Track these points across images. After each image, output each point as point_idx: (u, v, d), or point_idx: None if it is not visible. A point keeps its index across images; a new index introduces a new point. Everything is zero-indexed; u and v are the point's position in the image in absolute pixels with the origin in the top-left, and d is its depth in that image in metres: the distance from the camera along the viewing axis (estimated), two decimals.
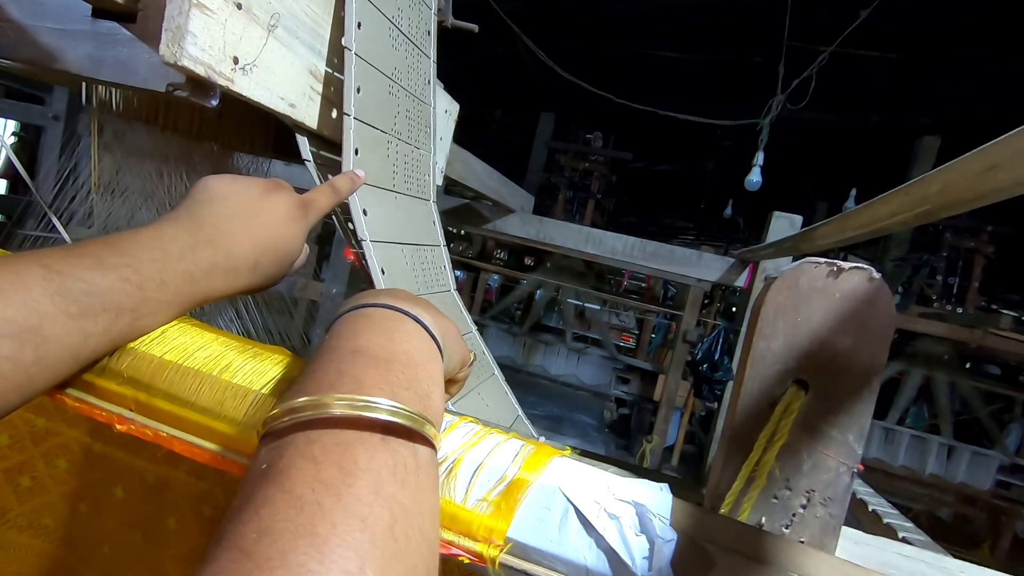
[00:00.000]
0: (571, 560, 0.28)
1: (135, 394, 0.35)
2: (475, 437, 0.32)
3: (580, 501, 0.29)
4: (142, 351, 0.36)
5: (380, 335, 0.30)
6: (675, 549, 0.27)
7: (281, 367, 0.36)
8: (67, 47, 0.47)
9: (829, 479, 0.35)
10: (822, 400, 0.35)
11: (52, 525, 0.47)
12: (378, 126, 0.63)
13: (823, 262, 0.35)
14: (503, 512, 0.29)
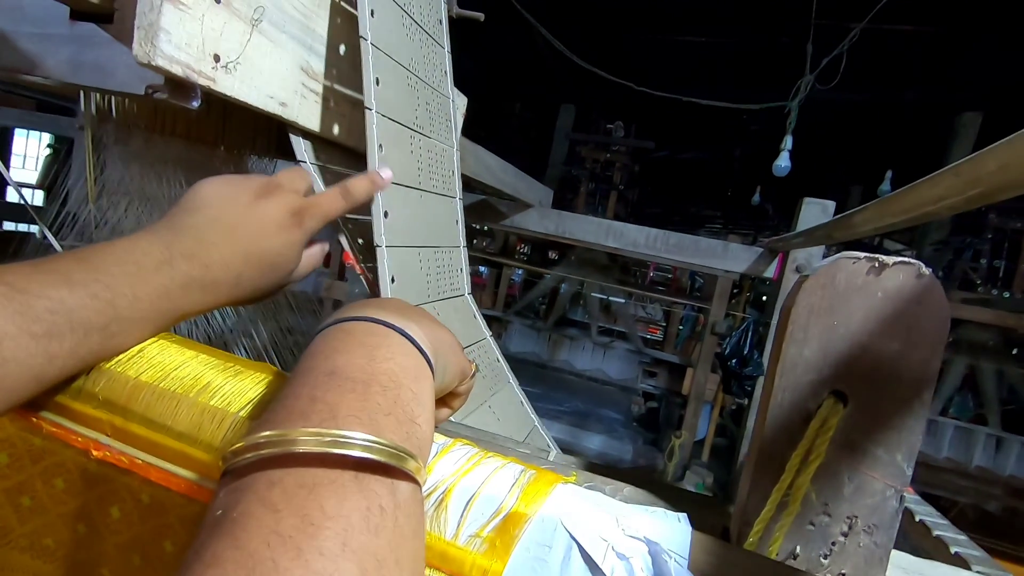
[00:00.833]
0: None
1: (111, 418, 0.33)
2: (469, 463, 0.29)
3: (585, 538, 0.25)
4: (118, 372, 0.34)
5: (360, 353, 0.27)
6: None
7: (263, 386, 0.34)
8: (47, 52, 0.45)
9: (874, 504, 0.31)
10: (864, 414, 0.31)
11: (52, 546, 0.46)
12: (400, 120, 0.60)
13: (863, 257, 0.31)
14: (498, 550, 0.26)
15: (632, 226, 1.68)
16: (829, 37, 2.85)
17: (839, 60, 2.44)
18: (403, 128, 0.62)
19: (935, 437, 3.62)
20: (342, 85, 0.59)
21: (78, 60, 0.44)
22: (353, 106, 0.62)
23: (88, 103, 0.61)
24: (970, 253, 3.73)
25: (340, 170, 0.58)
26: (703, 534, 0.26)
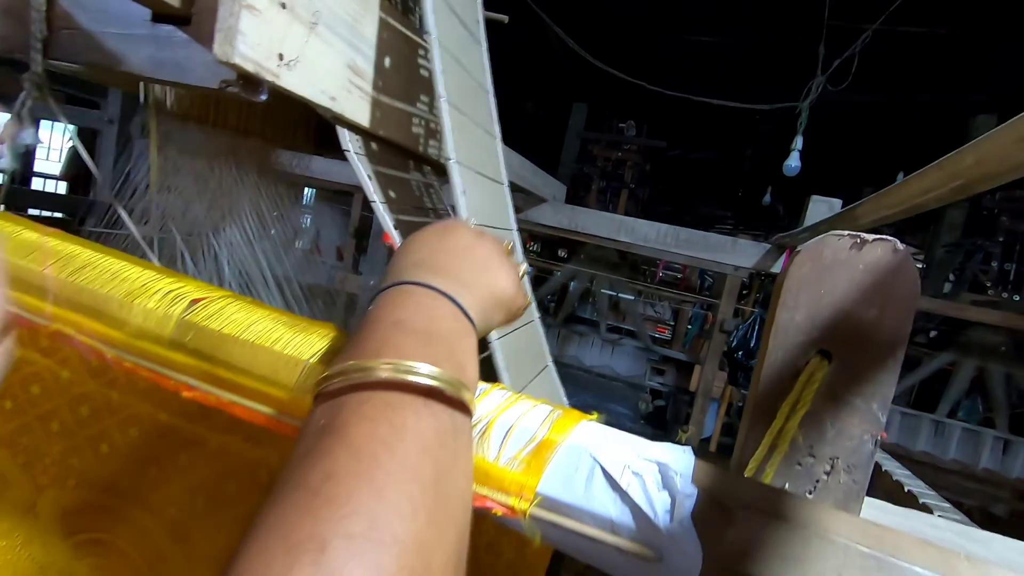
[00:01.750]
0: (597, 513, 0.30)
1: (199, 364, 0.39)
2: (507, 402, 0.34)
3: (606, 460, 0.31)
4: (204, 325, 0.40)
5: (421, 312, 0.32)
6: (696, 504, 0.29)
7: (327, 340, 0.39)
8: (129, 50, 0.51)
9: (853, 446, 0.36)
10: (845, 370, 0.36)
11: (127, 488, 0.52)
12: (463, 109, 0.65)
13: (846, 234, 0.35)
14: (533, 469, 0.31)
15: (643, 221, 1.72)
16: (842, 38, 2.87)
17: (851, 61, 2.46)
18: (465, 117, 0.67)
19: (942, 438, 3.62)
20: (388, 94, 0.65)
21: (158, 58, 0.49)
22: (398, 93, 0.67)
23: (148, 97, 0.67)
24: (981, 256, 3.72)
25: (388, 172, 0.64)
26: (704, 461, 0.31)
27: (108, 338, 0.42)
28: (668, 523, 0.28)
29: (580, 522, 0.30)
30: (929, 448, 3.63)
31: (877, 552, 0.27)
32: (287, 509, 0.22)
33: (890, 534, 0.28)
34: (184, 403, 0.48)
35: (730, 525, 0.29)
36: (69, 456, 0.53)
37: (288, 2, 0.46)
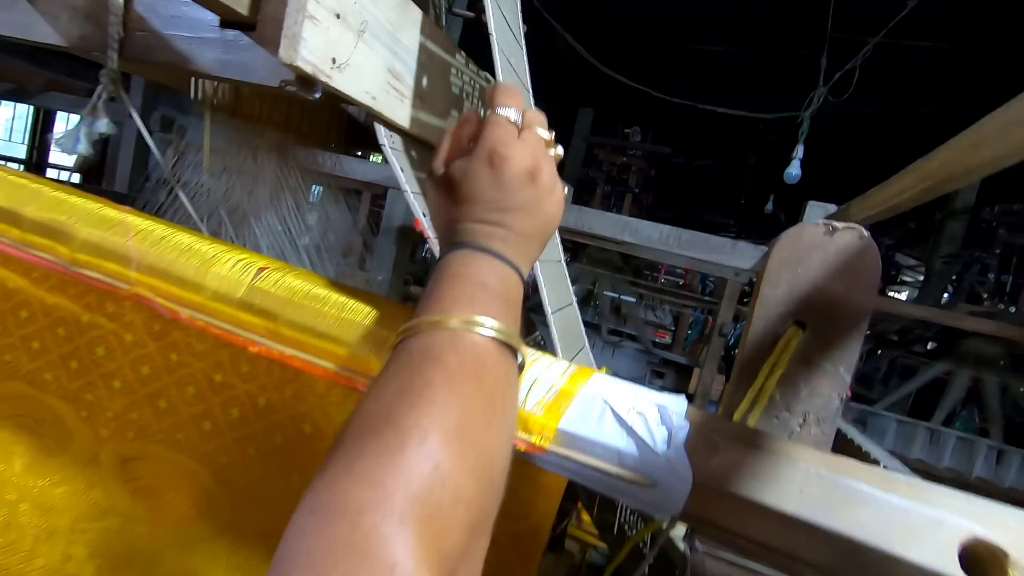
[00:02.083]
0: (607, 444, 0.36)
1: (265, 323, 0.45)
2: (532, 360, 0.40)
3: (615, 403, 0.37)
4: (269, 290, 0.46)
5: (498, 279, 0.38)
6: (688, 436, 0.35)
7: (378, 306, 0.45)
8: (198, 52, 0.58)
9: (822, 403, 0.42)
10: (817, 338, 0.42)
11: (183, 439, 0.58)
12: None
13: (821, 223, 0.42)
14: (553, 414, 0.38)
15: (647, 222, 1.79)
16: (846, 50, 2.94)
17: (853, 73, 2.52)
18: None
19: (937, 447, 3.67)
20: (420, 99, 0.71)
21: (224, 59, 0.56)
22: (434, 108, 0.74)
23: (199, 93, 0.73)
24: (978, 267, 3.78)
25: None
26: (696, 407, 0.38)
27: (185, 300, 0.49)
28: (665, 451, 0.35)
29: (591, 455, 0.37)
30: (924, 456, 3.68)
31: (832, 474, 0.33)
32: (395, 400, 0.29)
33: (843, 463, 0.34)
34: (237, 364, 0.55)
35: (715, 453, 0.35)
36: (129, 411, 0.60)
37: (342, 13, 0.53)
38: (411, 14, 0.64)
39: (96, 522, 0.61)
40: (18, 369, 0.63)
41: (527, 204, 0.43)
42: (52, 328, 0.62)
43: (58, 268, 0.55)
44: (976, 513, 0.32)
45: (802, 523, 0.33)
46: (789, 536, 0.34)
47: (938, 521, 0.32)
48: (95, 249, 0.52)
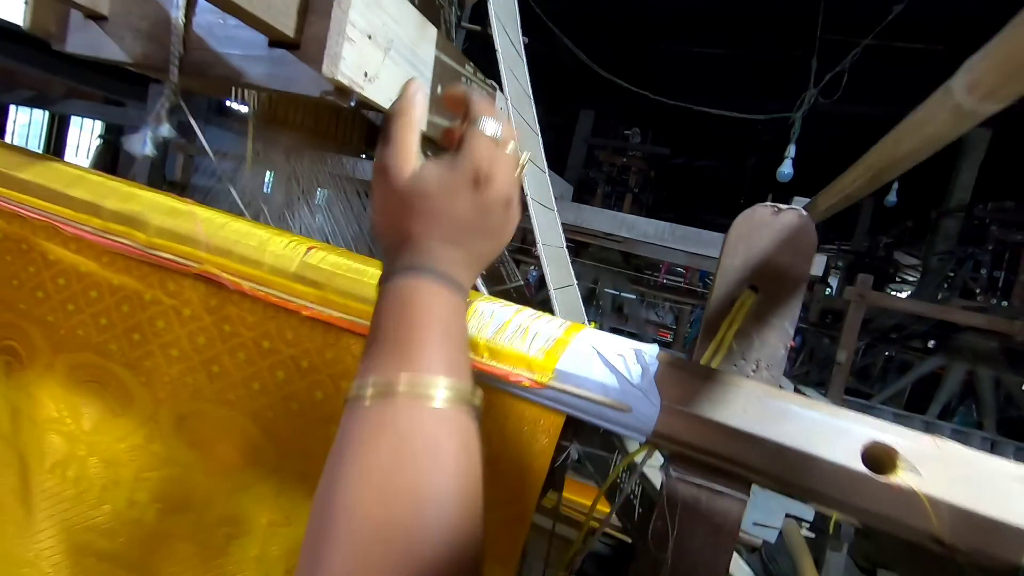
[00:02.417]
0: (594, 380, 0.46)
1: (316, 292, 0.55)
2: (534, 314, 0.50)
3: (601, 348, 0.46)
4: (317, 265, 0.55)
5: (459, 318, 0.38)
6: (657, 371, 0.44)
7: None
8: (249, 67, 0.67)
9: (771, 352, 0.51)
10: (767, 299, 0.52)
11: (234, 399, 0.67)
12: (522, 114, 0.82)
13: (769, 205, 0.51)
14: (552, 357, 0.47)
15: (643, 219, 1.88)
16: (839, 52, 3.03)
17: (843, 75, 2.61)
18: (524, 124, 0.84)
19: None
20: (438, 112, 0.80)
21: (272, 73, 0.66)
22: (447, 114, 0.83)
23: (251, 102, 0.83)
24: (971, 264, 3.86)
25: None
26: (666, 351, 0.47)
27: (247, 275, 0.58)
28: (640, 382, 0.44)
29: (582, 387, 0.46)
30: None
31: (767, 397, 0.43)
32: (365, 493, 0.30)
33: (775, 390, 0.44)
34: (283, 333, 0.64)
35: (678, 385, 0.44)
36: (185, 375, 0.69)
37: (373, 34, 0.62)
38: (428, 32, 0.74)
39: (156, 471, 0.70)
40: (88, 341, 0.72)
41: (497, 228, 0.42)
42: (118, 305, 0.71)
43: (134, 251, 0.64)
44: (875, 425, 0.41)
45: (745, 434, 0.42)
46: (736, 446, 0.43)
47: (847, 430, 0.41)
48: (168, 234, 0.62)
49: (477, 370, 0.50)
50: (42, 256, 0.75)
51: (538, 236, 0.72)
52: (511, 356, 0.48)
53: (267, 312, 0.65)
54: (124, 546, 0.71)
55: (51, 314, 0.74)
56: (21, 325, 0.76)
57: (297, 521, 0.66)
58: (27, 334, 0.75)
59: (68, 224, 0.67)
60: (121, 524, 0.71)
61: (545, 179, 0.85)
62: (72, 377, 0.73)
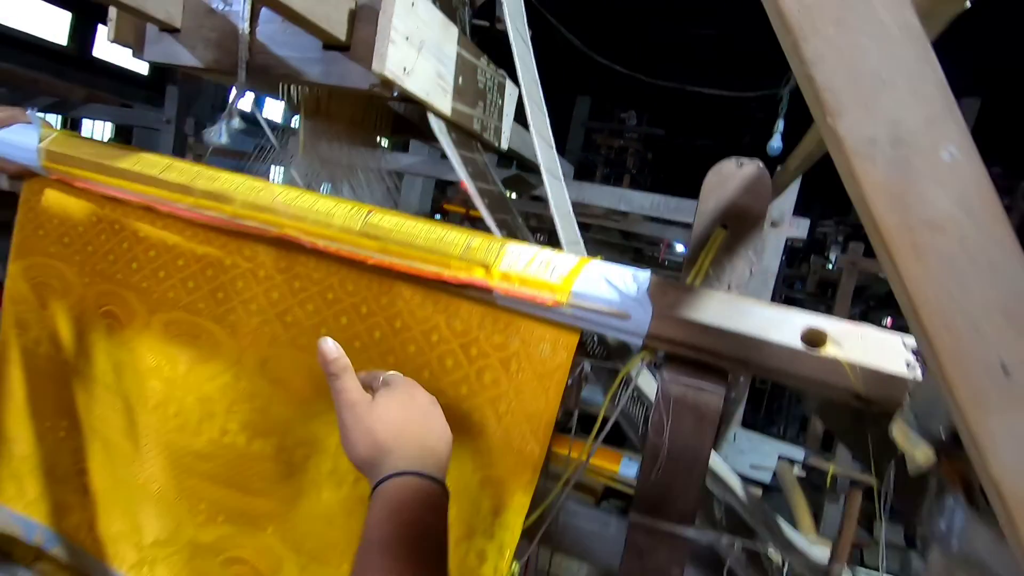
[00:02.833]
0: (601, 296, 0.60)
1: (379, 244, 0.69)
2: (553, 253, 0.64)
3: (606, 273, 0.61)
4: (377, 223, 0.70)
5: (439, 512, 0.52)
6: (649, 287, 0.59)
7: (446, 230, 0.69)
8: (307, 68, 0.81)
9: (739, 275, 0.66)
10: (734, 233, 0.66)
11: (305, 343, 0.82)
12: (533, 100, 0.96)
13: (734, 160, 0.65)
14: (568, 281, 0.61)
15: (640, 192, 2.02)
16: None
17: None
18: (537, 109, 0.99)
19: None
20: (459, 95, 0.94)
21: (327, 71, 0.79)
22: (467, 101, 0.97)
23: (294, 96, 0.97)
24: None
25: (463, 152, 0.93)
26: (656, 274, 0.61)
27: (320, 235, 0.72)
28: (636, 295, 0.58)
29: (591, 302, 0.60)
30: None
31: (732, 299, 0.57)
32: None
33: (741, 298, 0.58)
34: (345, 285, 0.79)
35: (666, 296, 0.59)
36: (263, 326, 0.84)
37: (409, 36, 0.76)
38: (450, 31, 0.88)
39: (243, 405, 0.85)
40: (179, 301, 0.87)
41: (436, 425, 0.59)
42: (203, 271, 0.86)
43: (221, 222, 0.79)
44: (811, 317, 0.56)
45: (718, 329, 0.57)
46: (711, 339, 0.57)
47: (790, 320, 0.55)
48: (251, 206, 0.76)
49: (511, 296, 0.64)
50: (133, 234, 0.89)
51: (551, 201, 0.86)
52: (537, 283, 0.62)
53: (331, 268, 0.79)
54: (219, 467, 0.86)
55: (145, 281, 0.89)
56: (119, 292, 0.91)
57: None
58: (125, 299, 0.90)
59: (163, 203, 0.82)
60: (216, 449, 0.86)
61: (553, 154, 0.99)
62: (167, 332, 0.88)
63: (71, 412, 0.97)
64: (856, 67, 0.21)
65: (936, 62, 0.22)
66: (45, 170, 0.89)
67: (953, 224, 0.20)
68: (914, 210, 0.20)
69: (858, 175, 0.21)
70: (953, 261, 0.20)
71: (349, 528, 0.82)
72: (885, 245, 0.21)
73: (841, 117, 0.21)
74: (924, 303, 0.21)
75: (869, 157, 0.20)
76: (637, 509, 0.70)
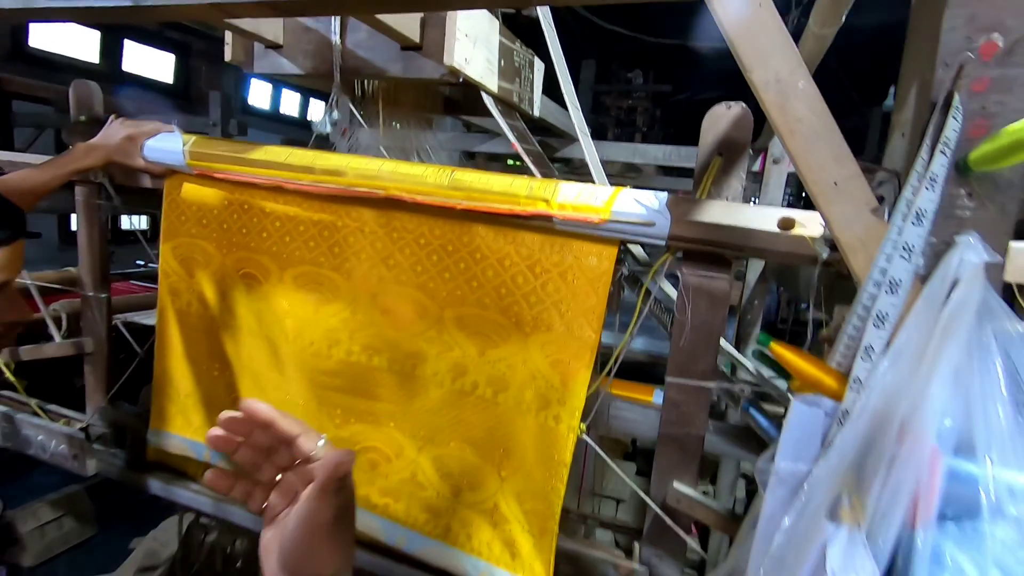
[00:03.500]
0: (632, 212, 0.83)
1: (463, 193, 0.93)
2: (595, 186, 0.87)
3: (635, 195, 0.84)
4: (460, 177, 0.94)
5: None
6: (667, 201, 0.82)
7: (515, 178, 0.92)
8: (388, 65, 1.05)
9: (733, 188, 0.89)
10: (728, 159, 0.88)
11: (405, 279, 1.07)
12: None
13: (724, 104, 0.88)
14: (608, 204, 0.85)
15: (651, 145, 2.22)
16: None
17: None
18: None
19: None
20: (502, 78, 1.17)
21: (405, 66, 1.03)
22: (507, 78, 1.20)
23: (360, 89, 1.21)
24: None
25: (510, 121, 1.16)
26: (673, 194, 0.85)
27: (417, 191, 0.97)
28: (658, 208, 0.82)
29: (626, 218, 0.84)
30: None
31: (731, 205, 0.80)
32: None
33: (735, 204, 0.81)
34: (433, 231, 1.03)
35: (679, 207, 0.82)
36: (371, 269, 1.09)
37: (468, 33, 0.99)
38: (494, 24, 1.11)
39: (362, 331, 1.11)
40: (304, 258, 1.13)
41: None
42: (320, 232, 1.11)
43: (339, 191, 1.03)
44: (783, 210, 0.79)
45: (720, 225, 0.80)
46: (715, 232, 0.81)
47: (770, 213, 0.78)
48: (362, 176, 1.01)
49: (567, 220, 0.88)
50: (261, 210, 1.15)
51: (585, 152, 1.10)
52: (586, 208, 0.86)
53: (421, 220, 1.03)
54: (348, 381, 1.12)
55: (275, 246, 1.15)
56: (254, 257, 1.17)
57: (455, 346, 1.06)
58: (260, 262, 1.17)
59: (290, 182, 1.07)
60: (344, 368, 1.12)
61: (581, 116, 1.22)
62: (296, 283, 1.14)
63: (221, 356, 1.25)
64: (759, 51, 0.44)
65: (794, 46, 0.45)
66: (189, 167, 1.15)
67: (806, 117, 0.42)
68: (789, 113, 0.42)
69: (763, 99, 0.43)
70: (809, 133, 0.42)
71: (450, 416, 1.08)
72: (778, 131, 0.43)
73: (753, 72, 0.44)
74: (797, 158, 0.43)
75: (767, 90, 0.43)
76: (671, 373, 0.94)
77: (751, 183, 1.99)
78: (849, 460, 0.41)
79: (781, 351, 0.59)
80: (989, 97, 0.41)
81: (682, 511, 0.95)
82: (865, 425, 0.41)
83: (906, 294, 0.43)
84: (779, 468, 0.45)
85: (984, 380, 0.37)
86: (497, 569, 1.05)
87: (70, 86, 1.34)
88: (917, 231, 0.42)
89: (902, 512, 0.37)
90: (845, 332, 0.47)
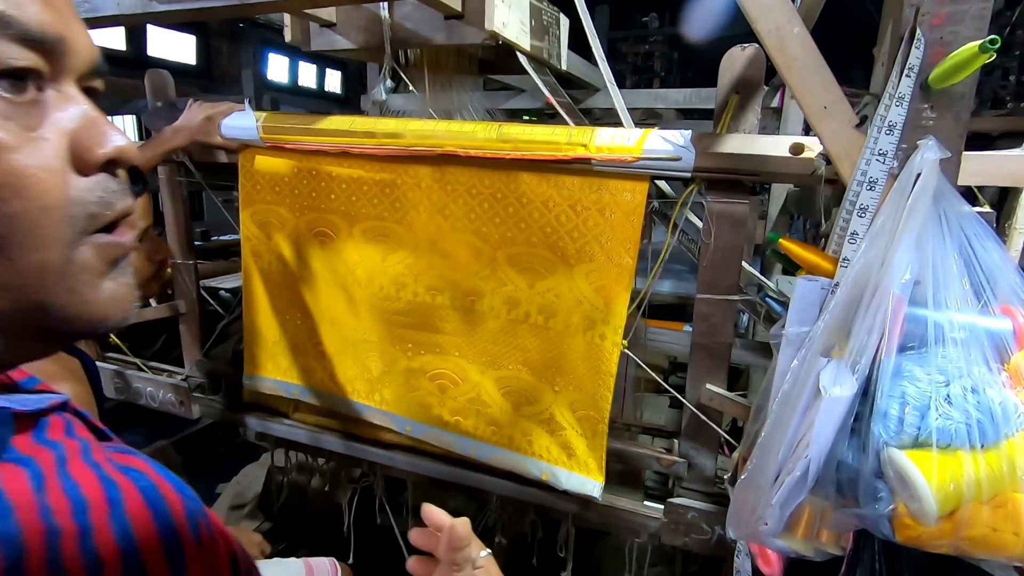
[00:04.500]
0: (660, 149, 0.96)
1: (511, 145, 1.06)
2: (626, 129, 1.00)
3: (663, 135, 0.97)
4: (507, 131, 1.07)
5: None
6: (691, 137, 0.94)
7: (554, 128, 1.05)
8: (432, 33, 1.17)
9: (750, 122, 1.00)
10: (744, 96, 1.00)
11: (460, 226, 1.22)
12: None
13: (739, 46, 0.98)
14: (639, 143, 0.97)
15: (672, 89, 2.29)
16: None
17: None
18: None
19: None
20: (534, 35, 1.28)
21: (449, 34, 1.15)
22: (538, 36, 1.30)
23: (404, 57, 1.33)
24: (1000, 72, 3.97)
25: (543, 76, 1.27)
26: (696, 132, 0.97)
27: (471, 145, 1.10)
28: (683, 143, 0.94)
29: (656, 156, 0.97)
30: None
31: (747, 136, 0.93)
32: None
33: (752, 136, 0.93)
34: (483, 181, 1.17)
35: (702, 141, 0.95)
36: (429, 219, 1.24)
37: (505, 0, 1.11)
38: None
39: (424, 273, 1.27)
40: (370, 213, 1.28)
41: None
42: (381, 190, 1.26)
43: (399, 151, 1.18)
44: (794, 137, 0.90)
45: (739, 154, 0.93)
46: (736, 161, 0.93)
47: (782, 141, 0.90)
48: (420, 136, 1.15)
49: (604, 161, 1.01)
50: (327, 175, 1.30)
51: (615, 100, 1.21)
52: (620, 148, 0.99)
53: (471, 172, 1.17)
54: (416, 318, 1.30)
55: (343, 205, 1.30)
56: (325, 216, 1.33)
57: (508, 282, 1.21)
58: (330, 221, 1.33)
59: (355, 147, 1.22)
60: (412, 306, 1.29)
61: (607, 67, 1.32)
62: (365, 236, 1.30)
63: (302, 306, 1.43)
64: (762, 6, 0.56)
65: (790, 3, 0.57)
66: (263, 141, 1.31)
67: (800, 56, 0.54)
68: (785, 53, 0.54)
69: (766, 43, 0.55)
70: (803, 68, 0.54)
71: (507, 342, 1.25)
72: (778, 67, 0.55)
73: (758, 23, 0.56)
74: (794, 88, 0.55)
75: (769, 36, 0.55)
76: (700, 290, 1.08)
77: (772, 118, 2.06)
78: (838, 317, 0.54)
79: (787, 244, 0.72)
80: (945, 29, 0.52)
81: (714, 408, 1.11)
82: (850, 289, 0.54)
83: (882, 189, 0.56)
84: (788, 332, 0.59)
85: (936, 245, 0.49)
86: (557, 468, 1.23)
87: (144, 76, 1.48)
88: (889, 140, 0.54)
89: (874, 345, 0.50)
90: (836, 224, 0.60)
